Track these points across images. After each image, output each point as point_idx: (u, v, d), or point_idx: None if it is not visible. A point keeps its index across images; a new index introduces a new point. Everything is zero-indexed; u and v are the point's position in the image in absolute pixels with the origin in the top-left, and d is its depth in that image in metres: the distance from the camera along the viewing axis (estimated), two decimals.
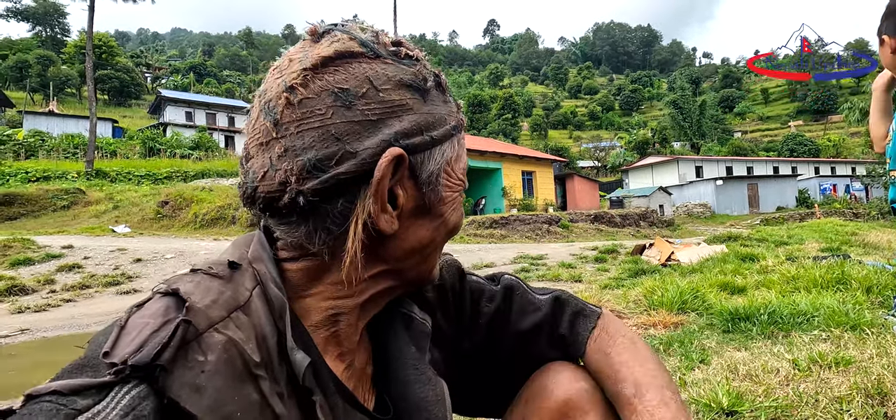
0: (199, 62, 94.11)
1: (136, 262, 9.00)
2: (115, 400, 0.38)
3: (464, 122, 0.61)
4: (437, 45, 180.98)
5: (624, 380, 0.63)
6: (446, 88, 0.58)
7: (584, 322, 0.71)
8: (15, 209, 18.84)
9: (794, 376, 1.93)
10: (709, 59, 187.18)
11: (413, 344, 0.62)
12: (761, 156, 47.94)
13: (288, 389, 0.48)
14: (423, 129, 0.53)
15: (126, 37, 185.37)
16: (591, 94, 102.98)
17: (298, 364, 0.48)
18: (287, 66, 0.52)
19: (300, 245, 0.52)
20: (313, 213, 0.50)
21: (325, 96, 0.49)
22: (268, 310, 0.49)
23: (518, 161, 25.05)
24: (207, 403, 0.41)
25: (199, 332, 0.43)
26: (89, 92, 25.51)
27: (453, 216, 0.59)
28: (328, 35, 0.53)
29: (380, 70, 0.51)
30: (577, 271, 7.19)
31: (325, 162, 0.48)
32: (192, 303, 0.44)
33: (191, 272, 0.50)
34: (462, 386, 0.75)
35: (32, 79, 55.20)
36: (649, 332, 2.97)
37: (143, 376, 0.39)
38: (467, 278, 0.75)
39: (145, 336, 0.41)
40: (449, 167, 0.57)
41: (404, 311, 0.64)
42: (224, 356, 0.43)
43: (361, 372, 0.61)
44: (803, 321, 2.68)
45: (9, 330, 4.93)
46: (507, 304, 0.74)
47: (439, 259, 0.64)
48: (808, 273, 3.99)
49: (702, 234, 15.20)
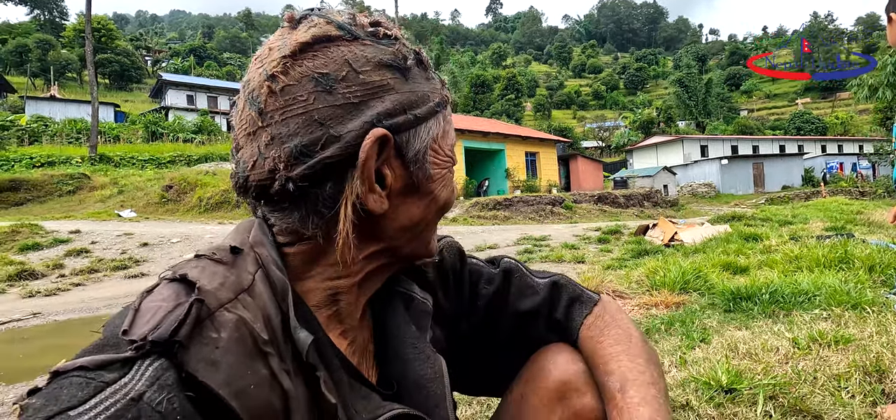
0: (199, 45, 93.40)
1: (142, 247, 9.08)
2: (140, 371, 0.40)
3: (449, 97, 0.61)
4: (438, 24, 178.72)
5: (611, 373, 0.63)
6: (428, 65, 0.58)
7: (579, 308, 0.72)
8: (21, 194, 18.97)
9: (793, 355, 1.96)
10: (715, 36, 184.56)
11: (413, 323, 0.64)
12: (767, 134, 47.47)
13: (294, 367, 0.49)
14: (405, 108, 0.53)
15: (125, 19, 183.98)
16: (596, 73, 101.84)
17: (302, 342, 0.49)
18: (267, 54, 0.52)
19: (295, 230, 0.54)
20: (304, 198, 0.51)
21: (305, 82, 0.49)
22: (271, 292, 0.50)
23: (521, 142, 24.92)
24: (223, 377, 0.42)
25: (212, 311, 0.45)
26: (90, 76, 25.45)
27: (443, 192, 0.60)
28: (305, 20, 0.53)
29: (358, 52, 0.51)
30: (580, 252, 7.21)
31: (310, 147, 0.49)
32: (201, 285, 0.46)
33: (195, 258, 0.51)
34: (461, 366, 0.76)
35: (33, 63, 55.02)
36: (651, 312, 3.00)
37: (162, 351, 0.41)
38: (468, 261, 0.77)
39: (161, 317, 0.43)
40: (436, 144, 0.57)
41: (404, 290, 0.65)
42: (236, 334, 0.45)
43: (364, 348, 0.62)
44: (805, 300, 2.71)
45: (21, 314, 5.01)
46: (506, 286, 0.74)
47: (435, 236, 0.65)
48: (811, 252, 4.00)
49: (706, 214, 15.17)
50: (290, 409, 0.47)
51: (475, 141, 22.31)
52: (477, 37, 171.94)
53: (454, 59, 72.69)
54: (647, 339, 0.70)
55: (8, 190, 18.99)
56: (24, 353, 3.84)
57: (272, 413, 0.46)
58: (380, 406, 0.56)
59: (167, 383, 0.40)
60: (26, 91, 46.12)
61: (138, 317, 0.44)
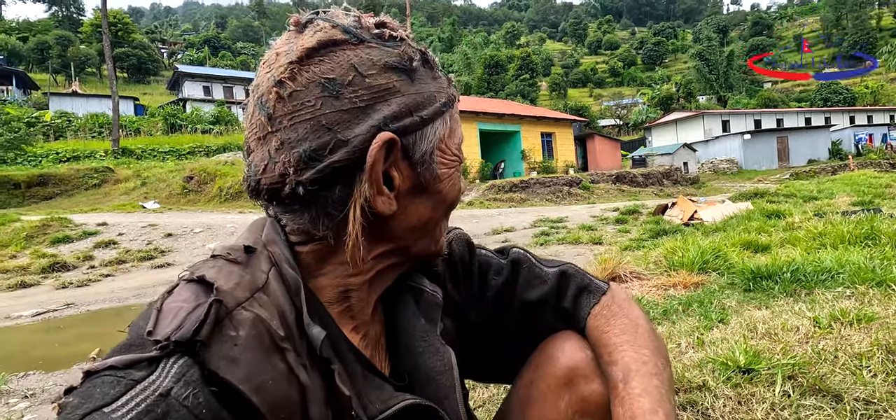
0: (213, 35, 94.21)
1: (167, 237, 9.32)
2: (166, 369, 0.43)
3: (455, 96, 0.62)
4: (451, 4, 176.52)
5: (615, 363, 0.64)
6: (434, 64, 0.59)
7: (587, 298, 0.72)
8: (49, 189, 19.58)
9: (814, 334, 1.94)
10: (737, 6, 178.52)
11: (422, 316, 0.65)
12: (792, 107, 45.98)
13: (309, 361, 0.51)
14: (412, 109, 0.54)
15: (140, 13, 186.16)
16: (612, 49, 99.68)
17: (315, 337, 0.51)
18: (274, 60, 0.53)
19: (306, 230, 0.55)
20: (314, 200, 0.53)
21: (312, 88, 0.51)
22: (284, 289, 0.52)
23: (537, 122, 24.63)
24: (243, 373, 0.45)
25: (230, 311, 0.47)
26: (109, 71, 25.93)
27: (451, 191, 0.61)
28: (311, 25, 0.54)
29: (364, 55, 0.52)
30: (597, 233, 7.17)
31: (319, 152, 0.51)
32: (218, 285, 0.48)
33: (212, 258, 0.54)
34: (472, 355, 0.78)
35: (53, 60, 56.20)
36: (669, 293, 2.99)
37: (186, 350, 0.43)
38: (476, 252, 0.78)
39: (182, 317, 0.45)
40: (442, 144, 0.58)
41: (414, 284, 0.67)
42: (253, 331, 0.47)
43: (377, 342, 0.64)
44: (828, 278, 2.66)
45: (55, 304, 5.23)
46: (514, 276, 0.76)
47: (444, 233, 0.66)
48: (835, 229, 3.91)
49: (727, 192, 14.87)
50: (307, 401, 0.50)
51: (490, 123, 22.14)
52: (490, 16, 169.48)
53: (467, 39, 71.83)
54: (655, 330, 0.71)
55: (37, 185, 19.62)
56: (59, 341, 4.01)
57: (290, 405, 0.48)
58: (392, 396, 0.58)
59: (192, 379, 0.43)
60: (49, 87, 47.23)
61: (161, 318, 0.46)
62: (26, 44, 58.92)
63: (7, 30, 66.05)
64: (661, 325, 2.36)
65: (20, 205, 17.75)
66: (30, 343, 4.01)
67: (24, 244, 9.17)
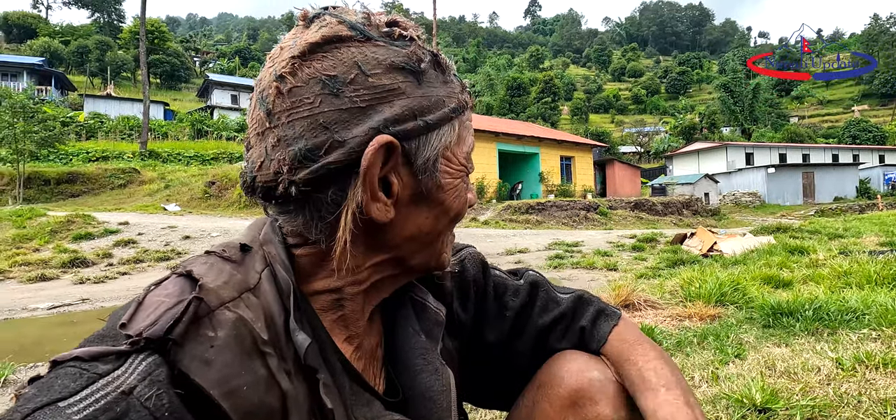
0: (244, 46, 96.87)
1: (184, 239, 9.48)
2: (132, 366, 0.41)
3: (468, 102, 0.58)
4: (476, 26, 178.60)
5: (650, 371, 0.64)
6: (446, 68, 0.56)
7: (606, 320, 0.73)
8: (77, 187, 20.19)
9: (836, 376, 1.84)
10: (765, 39, 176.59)
11: (423, 332, 0.63)
12: (819, 142, 44.93)
13: (295, 367, 0.49)
14: (416, 113, 0.51)
15: (176, 22, 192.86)
16: (636, 77, 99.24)
17: (299, 344, 0.49)
18: (278, 54, 0.51)
19: (300, 233, 0.53)
20: (307, 202, 0.51)
21: (313, 84, 0.48)
22: (276, 291, 0.50)
23: (556, 146, 24.55)
24: (215, 376, 0.42)
25: (211, 310, 0.45)
26: (143, 76, 26.87)
27: (455, 202, 0.57)
28: (318, 19, 0.52)
29: (370, 54, 0.50)
30: (612, 259, 7.03)
31: (314, 152, 0.48)
32: (204, 283, 0.46)
33: (205, 254, 0.52)
34: (482, 376, 0.76)
35: (92, 63, 58.38)
36: (684, 324, 2.89)
37: (157, 348, 0.41)
38: (491, 273, 0.76)
39: (160, 312, 0.43)
40: (448, 152, 0.55)
41: (418, 298, 0.64)
42: (233, 333, 0.45)
43: (372, 355, 0.61)
44: (852, 319, 2.54)
45: (71, 299, 5.33)
46: (532, 299, 0.74)
47: (449, 247, 0.62)
48: (862, 268, 3.76)
49: (749, 225, 14.50)
50: (287, 410, 0.47)
51: (509, 144, 22.15)
52: (515, 39, 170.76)
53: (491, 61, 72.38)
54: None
55: (66, 182, 20.27)
56: (71, 335, 4.06)
57: (266, 413, 0.45)
58: (381, 414, 0.55)
59: (158, 379, 0.41)
60: (85, 89, 49.06)
61: (140, 310, 0.45)
62: (68, 47, 61.38)
63: (51, 33, 69.03)
64: (675, 356, 2.27)
65: (49, 200, 18.34)
66: (43, 336, 4.08)
67: (48, 238, 9.43)
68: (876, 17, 73.10)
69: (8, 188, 19.32)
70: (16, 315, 4.69)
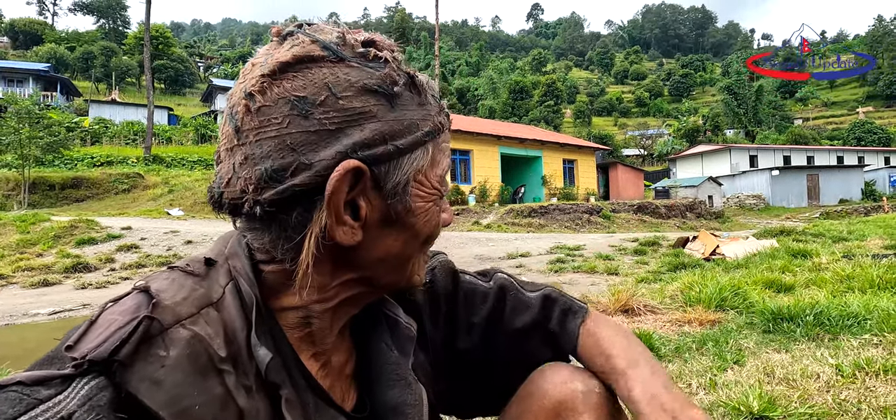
0: (248, 51, 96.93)
1: (187, 244, 9.51)
2: (74, 391, 0.40)
3: (444, 124, 0.57)
4: (479, 30, 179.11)
5: (617, 356, 0.67)
6: (422, 90, 0.54)
7: (572, 318, 0.74)
8: (82, 192, 20.32)
9: (836, 382, 1.82)
10: (768, 41, 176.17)
11: (395, 347, 0.62)
12: (824, 144, 44.67)
13: (256, 383, 0.48)
14: (387, 137, 0.50)
15: (180, 28, 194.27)
16: (639, 80, 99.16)
17: (260, 359, 0.48)
18: (250, 70, 0.51)
19: (267, 250, 0.52)
20: (273, 221, 0.50)
21: (281, 105, 0.47)
22: (240, 305, 0.49)
23: (559, 149, 24.51)
24: (164, 397, 0.41)
25: (164, 328, 0.44)
26: (147, 81, 27.03)
27: (426, 226, 0.56)
28: (291, 37, 0.51)
29: (342, 75, 0.49)
30: (614, 263, 7.00)
31: (280, 173, 0.47)
32: (160, 299, 0.45)
33: (168, 269, 0.51)
34: (457, 386, 0.76)
35: (97, 69, 58.82)
36: (683, 329, 2.87)
37: (101, 370, 0.40)
38: (461, 280, 0.77)
39: (110, 332, 0.42)
40: (421, 176, 0.54)
41: (390, 314, 0.64)
42: (187, 351, 0.44)
43: (339, 371, 0.60)
44: (853, 324, 2.51)
45: (72, 304, 5.34)
46: (501, 304, 0.75)
47: (422, 266, 0.62)
48: (865, 272, 3.72)
49: (752, 228, 14.42)
50: None
51: (512, 147, 22.14)
52: (517, 43, 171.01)
53: (493, 64, 72.42)
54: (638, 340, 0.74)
55: (71, 187, 20.40)
56: None
57: None
58: None
59: (98, 404, 0.40)
60: (90, 95, 49.40)
61: (92, 329, 0.44)
62: (73, 53, 61.87)
63: (57, 39, 69.65)
64: (673, 363, 2.25)
65: (53, 205, 18.45)
66: (43, 341, 4.08)
67: (52, 243, 9.47)
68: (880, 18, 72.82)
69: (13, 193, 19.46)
70: (17, 321, 4.70)
